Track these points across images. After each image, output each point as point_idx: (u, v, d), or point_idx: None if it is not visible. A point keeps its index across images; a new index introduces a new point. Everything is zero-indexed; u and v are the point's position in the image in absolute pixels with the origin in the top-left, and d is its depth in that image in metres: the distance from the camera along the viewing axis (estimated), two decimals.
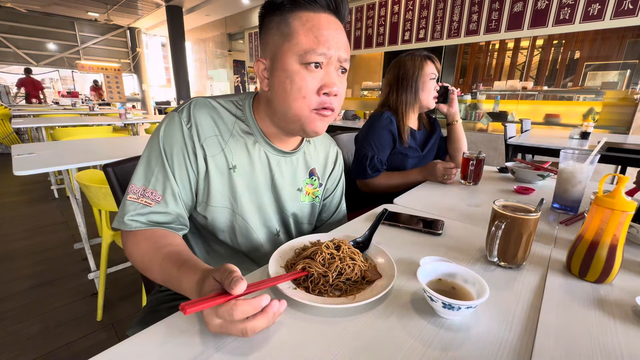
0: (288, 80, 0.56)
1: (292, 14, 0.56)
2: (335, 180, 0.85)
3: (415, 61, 1.22)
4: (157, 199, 0.58)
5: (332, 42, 0.56)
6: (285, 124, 0.62)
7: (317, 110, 0.58)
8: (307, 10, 0.56)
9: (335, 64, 0.58)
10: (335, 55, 0.57)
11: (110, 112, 4.89)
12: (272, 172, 0.69)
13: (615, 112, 3.45)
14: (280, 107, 0.60)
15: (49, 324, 1.44)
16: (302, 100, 0.57)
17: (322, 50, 0.55)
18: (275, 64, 0.58)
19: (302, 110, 0.58)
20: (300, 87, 0.56)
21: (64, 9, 8.77)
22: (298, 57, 0.56)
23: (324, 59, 0.56)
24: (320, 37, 0.55)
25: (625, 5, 2.80)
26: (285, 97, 0.58)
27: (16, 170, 1.24)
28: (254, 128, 0.66)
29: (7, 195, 3.26)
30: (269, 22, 0.59)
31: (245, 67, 8.15)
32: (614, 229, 0.51)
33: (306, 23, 0.55)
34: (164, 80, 12.49)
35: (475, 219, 0.82)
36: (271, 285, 0.46)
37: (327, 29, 0.56)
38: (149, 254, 0.54)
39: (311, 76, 0.56)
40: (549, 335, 0.41)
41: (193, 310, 0.35)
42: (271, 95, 0.61)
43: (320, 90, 0.57)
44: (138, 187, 0.58)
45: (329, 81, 0.57)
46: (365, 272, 0.53)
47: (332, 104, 0.59)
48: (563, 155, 0.86)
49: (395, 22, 4.51)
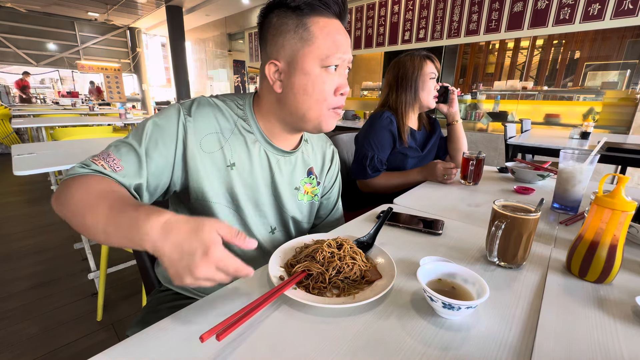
0: (310, 83, 0.60)
1: (309, 18, 0.58)
2: (333, 178, 0.86)
3: (415, 61, 1.22)
4: (117, 167, 0.54)
5: (345, 46, 0.61)
6: (301, 124, 0.65)
7: (334, 109, 0.64)
8: (322, 16, 0.59)
9: (345, 65, 0.63)
10: (347, 58, 0.62)
11: (110, 112, 4.89)
12: (272, 171, 0.69)
13: (615, 112, 3.44)
14: (299, 107, 0.62)
15: (49, 324, 1.44)
16: (323, 103, 0.62)
17: (339, 55, 0.60)
18: (293, 66, 0.60)
19: (322, 110, 0.62)
20: (322, 89, 0.60)
21: (64, 9, 8.77)
22: (319, 61, 0.59)
23: (340, 62, 0.61)
24: (337, 42, 0.60)
25: (625, 5, 2.80)
26: (306, 99, 0.61)
27: (16, 170, 1.24)
28: (254, 127, 0.67)
29: (7, 195, 3.26)
30: (282, 24, 0.59)
31: (245, 67, 8.14)
32: (614, 229, 0.51)
33: (324, 28, 0.59)
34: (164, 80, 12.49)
35: (475, 219, 0.82)
36: (278, 295, 0.46)
37: (340, 34, 0.61)
38: (94, 194, 0.47)
39: (329, 78, 0.61)
40: (549, 335, 0.41)
41: (226, 334, 0.37)
42: (286, 96, 0.62)
43: (337, 90, 0.62)
44: (104, 150, 0.56)
45: (343, 82, 0.63)
46: (365, 272, 0.53)
47: (344, 103, 0.66)
48: (563, 155, 0.86)
49: (395, 22, 4.51)
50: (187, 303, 0.47)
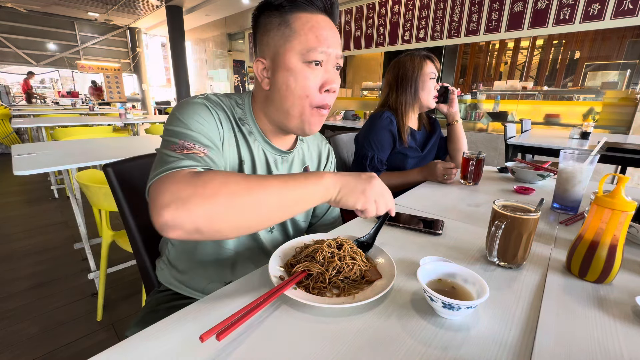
0: (292, 78, 0.59)
1: (291, 15, 0.58)
2: None
3: (415, 61, 1.22)
4: (203, 150, 0.53)
5: (331, 40, 0.59)
6: (285, 122, 0.64)
7: (317, 108, 0.62)
8: (305, 11, 0.59)
9: (333, 61, 0.61)
10: (334, 53, 0.60)
11: (110, 112, 4.89)
12: (270, 171, 0.69)
13: (615, 112, 3.44)
14: (283, 104, 0.61)
15: (49, 324, 1.44)
16: (305, 99, 0.60)
17: (322, 49, 0.58)
18: (277, 63, 0.59)
19: (304, 107, 0.61)
20: (303, 85, 0.59)
21: (64, 9, 8.77)
22: (300, 56, 0.58)
23: (324, 57, 0.59)
24: (320, 37, 0.58)
25: (625, 5, 2.80)
26: (288, 95, 0.60)
27: (16, 170, 1.24)
28: (253, 127, 0.67)
29: (7, 195, 3.26)
30: (267, 23, 0.60)
31: (245, 67, 8.14)
32: (614, 229, 0.51)
33: (306, 23, 0.58)
34: (164, 80, 12.49)
35: (475, 219, 0.82)
36: (278, 295, 0.46)
37: (325, 29, 0.59)
38: (240, 177, 0.45)
39: (313, 74, 0.59)
40: (549, 335, 0.41)
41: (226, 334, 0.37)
42: (272, 93, 0.62)
43: (322, 87, 0.60)
44: (176, 144, 0.52)
45: (329, 78, 0.61)
46: (365, 272, 0.53)
47: (330, 102, 0.63)
48: (563, 155, 0.86)
49: (395, 22, 4.51)
50: (186, 303, 0.46)
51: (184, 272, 0.70)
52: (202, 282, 0.69)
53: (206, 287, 0.68)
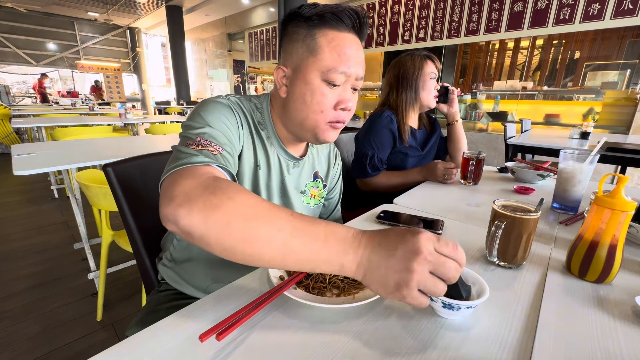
0: (309, 93, 0.60)
1: (319, 30, 0.59)
2: (335, 177, 0.88)
3: (415, 60, 1.22)
4: (218, 149, 0.54)
5: (353, 61, 0.60)
6: (299, 131, 0.65)
7: (331, 123, 0.63)
8: (333, 28, 0.59)
9: (352, 81, 0.62)
10: (354, 73, 0.60)
11: (110, 112, 4.89)
12: (282, 175, 0.71)
13: (615, 112, 3.45)
14: (297, 115, 0.62)
15: (49, 324, 1.44)
16: (319, 114, 0.61)
17: (343, 69, 0.59)
18: (297, 74, 0.60)
19: (318, 122, 0.62)
20: (319, 101, 0.60)
21: (64, 9, 8.78)
22: (320, 73, 0.59)
23: (343, 78, 0.60)
24: (343, 55, 0.58)
25: (625, 5, 2.80)
26: (304, 108, 0.61)
27: (16, 170, 1.24)
28: (271, 132, 0.68)
29: (7, 195, 3.26)
30: (294, 33, 0.61)
31: (245, 67, 8.14)
32: (614, 229, 0.51)
33: (332, 41, 0.58)
34: (163, 80, 12.50)
35: (475, 219, 0.82)
36: (278, 295, 0.46)
37: (350, 48, 0.59)
38: (253, 199, 0.41)
39: (331, 92, 0.60)
40: (549, 335, 0.41)
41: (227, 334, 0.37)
42: (288, 102, 0.63)
43: (337, 105, 0.61)
44: (193, 141, 0.52)
45: (345, 97, 0.61)
46: None
47: (345, 118, 0.64)
48: (563, 155, 0.86)
49: (395, 22, 4.51)
50: (186, 303, 0.46)
51: (188, 270, 0.70)
52: (205, 280, 0.69)
53: (209, 286, 0.68)
